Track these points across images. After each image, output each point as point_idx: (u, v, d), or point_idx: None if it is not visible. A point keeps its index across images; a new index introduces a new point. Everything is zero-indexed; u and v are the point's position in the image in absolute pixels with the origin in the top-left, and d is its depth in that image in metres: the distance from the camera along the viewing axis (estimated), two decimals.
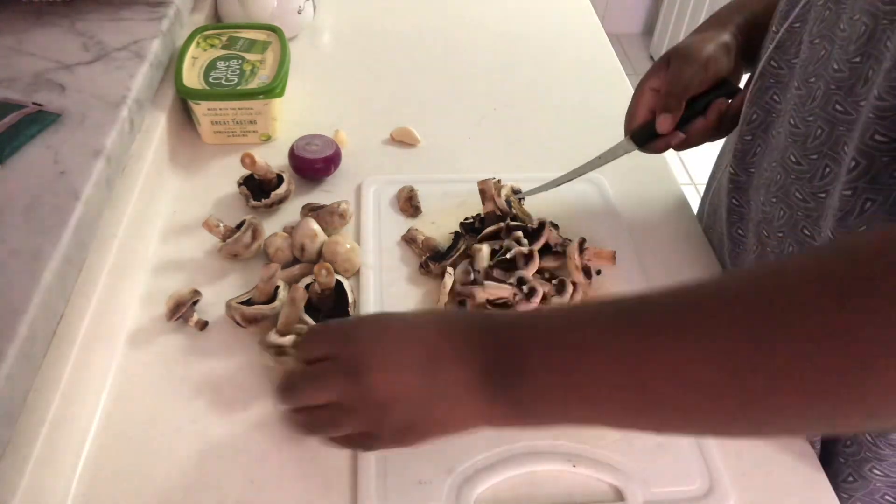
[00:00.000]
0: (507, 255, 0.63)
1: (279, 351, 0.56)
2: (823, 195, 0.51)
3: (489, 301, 0.61)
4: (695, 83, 0.62)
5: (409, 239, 0.69)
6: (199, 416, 0.55)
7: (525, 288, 0.61)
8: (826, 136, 0.50)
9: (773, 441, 0.56)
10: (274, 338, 0.56)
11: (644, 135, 0.66)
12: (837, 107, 0.48)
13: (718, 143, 0.74)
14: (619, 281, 0.67)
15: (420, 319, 0.46)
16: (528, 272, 0.62)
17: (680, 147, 0.65)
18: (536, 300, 0.61)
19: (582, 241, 0.66)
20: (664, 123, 0.63)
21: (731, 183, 0.64)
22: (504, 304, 0.61)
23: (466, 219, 0.70)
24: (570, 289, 0.62)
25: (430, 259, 0.66)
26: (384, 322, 0.46)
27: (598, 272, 0.67)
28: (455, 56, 1.01)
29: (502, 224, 0.67)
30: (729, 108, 0.64)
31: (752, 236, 0.62)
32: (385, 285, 0.65)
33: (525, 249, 0.64)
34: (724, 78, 0.63)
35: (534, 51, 1.03)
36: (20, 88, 0.64)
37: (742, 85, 0.65)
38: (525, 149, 0.85)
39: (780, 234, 0.56)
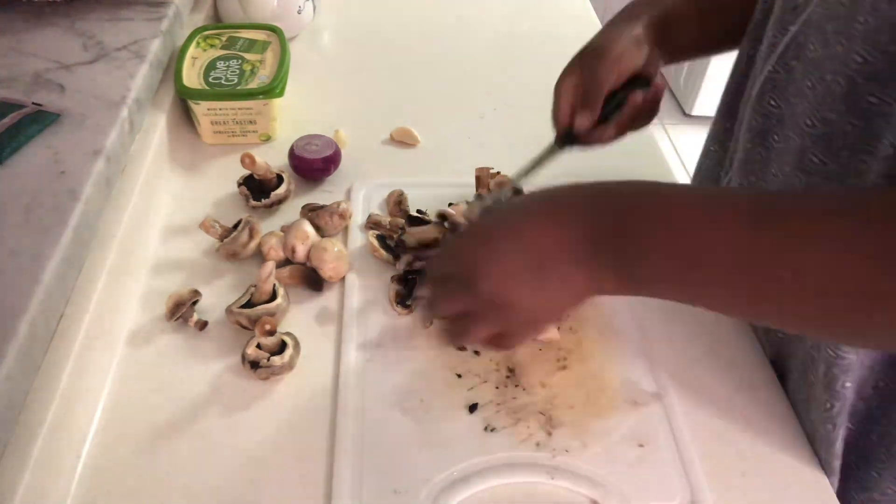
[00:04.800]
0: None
1: (254, 365, 0.56)
2: None
3: (421, 243, 0.64)
4: (609, 80, 0.62)
5: (373, 223, 0.70)
6: (199, 417, 0.55)
7: (447, 223, 0.63)
8: (861, 131, 0.48)
9: (762, 453, 0.55)
10: (252, 350, 0.56)
11: (570, 137, 0.66)
12: (871, 99, 0.47)
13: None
14: None
15: (520, 210, 0.48)
16: None
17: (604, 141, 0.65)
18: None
19: None
20: (582, 123, 0.63)
21: None
22: (436, 243, 0.64)
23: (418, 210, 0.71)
24: None
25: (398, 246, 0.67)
26: (486, 227, 0.49)
27: None
28: (455, 56, 1.01)
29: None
30: (644, 100, 0.64)
31: None
32: (371, 290, 0.65)
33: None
34: (637, 72, 0.63)
35: (534, 50, 1.03)
36: (20, 88, 0.64)
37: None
38: (525, 148, 0.84)
39: None
